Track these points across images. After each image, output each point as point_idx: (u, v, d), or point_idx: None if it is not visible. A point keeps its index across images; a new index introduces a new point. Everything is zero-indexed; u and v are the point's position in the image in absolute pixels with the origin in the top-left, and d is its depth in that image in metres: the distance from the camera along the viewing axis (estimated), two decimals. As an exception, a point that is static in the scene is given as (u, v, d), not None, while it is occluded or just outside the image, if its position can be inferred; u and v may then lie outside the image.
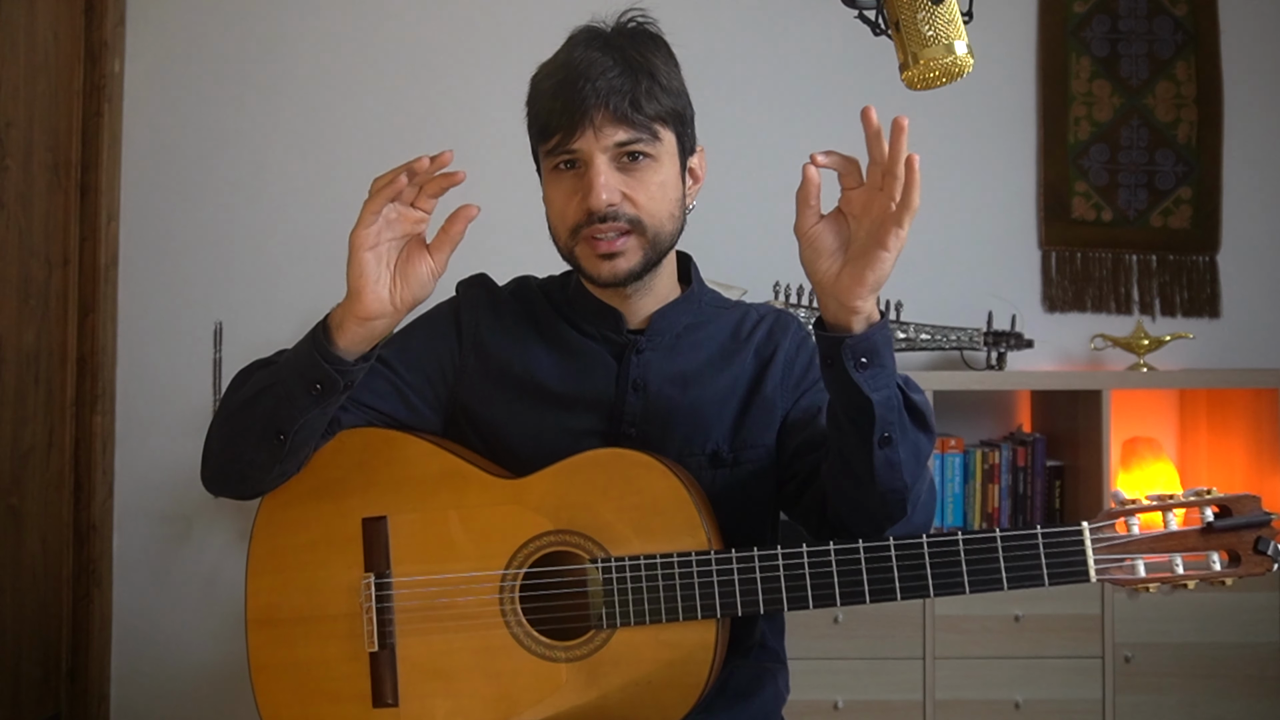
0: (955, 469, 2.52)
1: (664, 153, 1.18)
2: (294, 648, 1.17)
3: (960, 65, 1.12)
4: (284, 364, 1.15)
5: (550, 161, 1.20)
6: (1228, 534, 1.03)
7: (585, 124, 1.14)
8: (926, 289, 2.73)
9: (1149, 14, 2.80)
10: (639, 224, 1.17)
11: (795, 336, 1.29)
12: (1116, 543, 1.03)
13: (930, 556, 1.06)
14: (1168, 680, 2.36)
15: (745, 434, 1.23)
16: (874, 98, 1.06)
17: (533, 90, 1.23)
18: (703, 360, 1.25)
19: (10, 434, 2.39)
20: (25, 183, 2.44)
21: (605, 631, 1.10)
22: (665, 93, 1.17)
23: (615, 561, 1.10)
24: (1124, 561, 1.03)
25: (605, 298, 1.25)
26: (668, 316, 1.26)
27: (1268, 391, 2.47)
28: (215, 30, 2.76)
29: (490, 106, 2.78)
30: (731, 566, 1.08)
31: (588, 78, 1.14)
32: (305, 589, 1.18)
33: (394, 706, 1.14)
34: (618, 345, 1.24)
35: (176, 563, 2.72)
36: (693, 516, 1.10)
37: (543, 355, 1.25)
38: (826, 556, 1.07)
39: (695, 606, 1.08)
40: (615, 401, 1.22)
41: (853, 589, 1.07)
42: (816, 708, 2.33)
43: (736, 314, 1.31)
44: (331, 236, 2.76)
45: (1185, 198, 2.79)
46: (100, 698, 2.66)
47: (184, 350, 2.72)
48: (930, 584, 1.06)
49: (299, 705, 1.17)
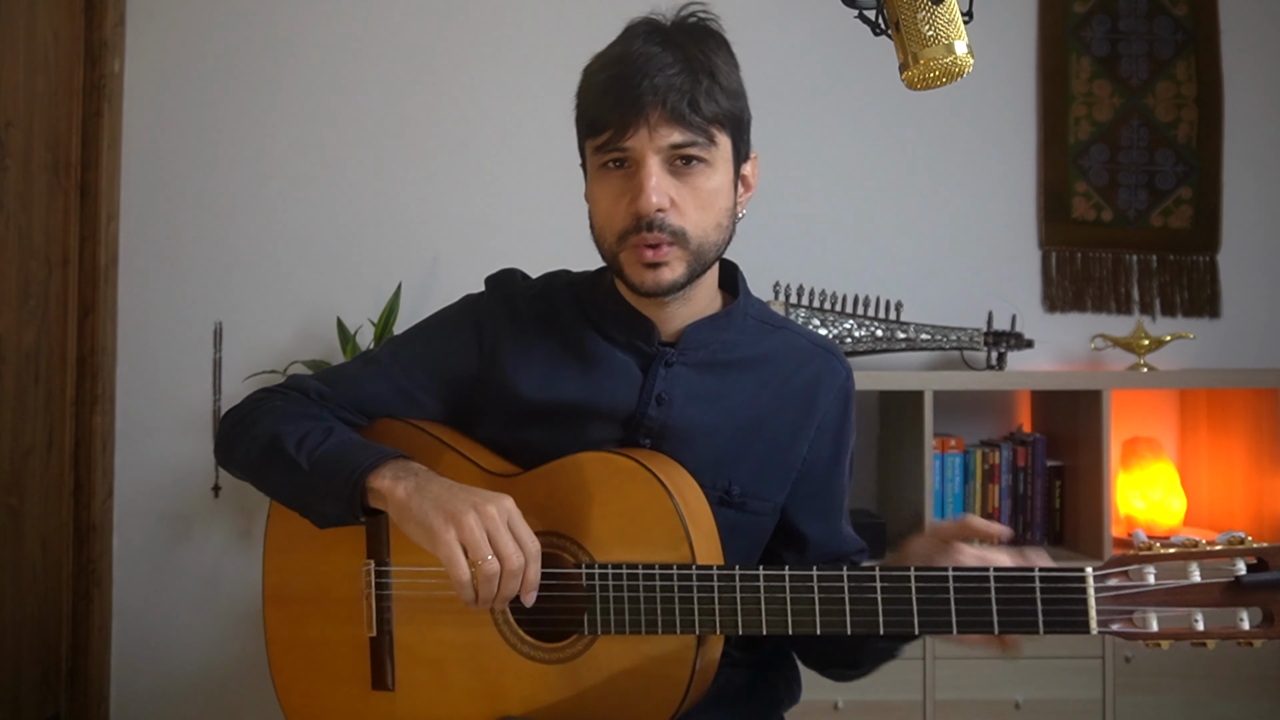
0: (955, 469, 2.52)
1: (719, 158, 1.12)
2: (304, 625, 1.22)
3: (960, 65, 1.12)
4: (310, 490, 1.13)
5: (599, 158, 1.13)
6: (1261, 591, 0.87)
7: (640, 122, 1.08)
8: (926, 289, 2.73)
9: (1149, 14, 2.80)
10: (682, 236, 1.11)
11: (838, 393, 1.23)
12: (1125, 593, 0.91)
13: (917, 592, 1.00)
14: (1168, 680, 2.36)
15: (760, 484, 1.19)
16: (874, 98, 1.06)
17: (584, 82, 1.16)
18: (734, 385, 1.19)
19: (10, 434, 2.39)
20: (25, 183, 2.44)
21: (588, 637, 1.10)
22: (724, 94, 1.11)
23: (599, 569, 1.09)
24: (1133, 613, 0.92)
25: (639, 305, 1.19)
26: (703, 331, 1.20)
27: (1268, 391, 2.47)
28: (215, 30, 2.76)
29: (492, 107, 2.78)
30: (712, 584, 1.05)
31: (646, 73, 1.08)
32: (312, 571, 1.21)
33: (390, 690, 1.17)
34: (646, 356, 1.19)
35: (176, 563, 2.72)
36: (677, 529, 1.07)
37: (562, 371, 1.20)
38: (809, 582, 1.03)
39: (675, 621, 1.06)
40: (635, 413, 1.17)
41: (833, 618, 1.02)
42: (816, 708, 2.32)
43: (781, 340, 1.24)
44: (332, 236, 2.77)
45: (1185, 198, 2.79)
46: (100, 698, 2.66)
47: (184, 350, 2.72)
48: (916, 620, 1.00)
49: (305, 681, 1.22)
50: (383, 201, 2.76)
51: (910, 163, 2.78)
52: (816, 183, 2.77)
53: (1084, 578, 0.95)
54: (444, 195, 2.77)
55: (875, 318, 2.54)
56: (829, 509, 1.24)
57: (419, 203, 2.76)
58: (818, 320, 2.51)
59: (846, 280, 2.69)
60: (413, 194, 2.76)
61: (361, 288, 2.72)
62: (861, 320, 2.53)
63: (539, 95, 2.75)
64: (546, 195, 2.73)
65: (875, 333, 2.53)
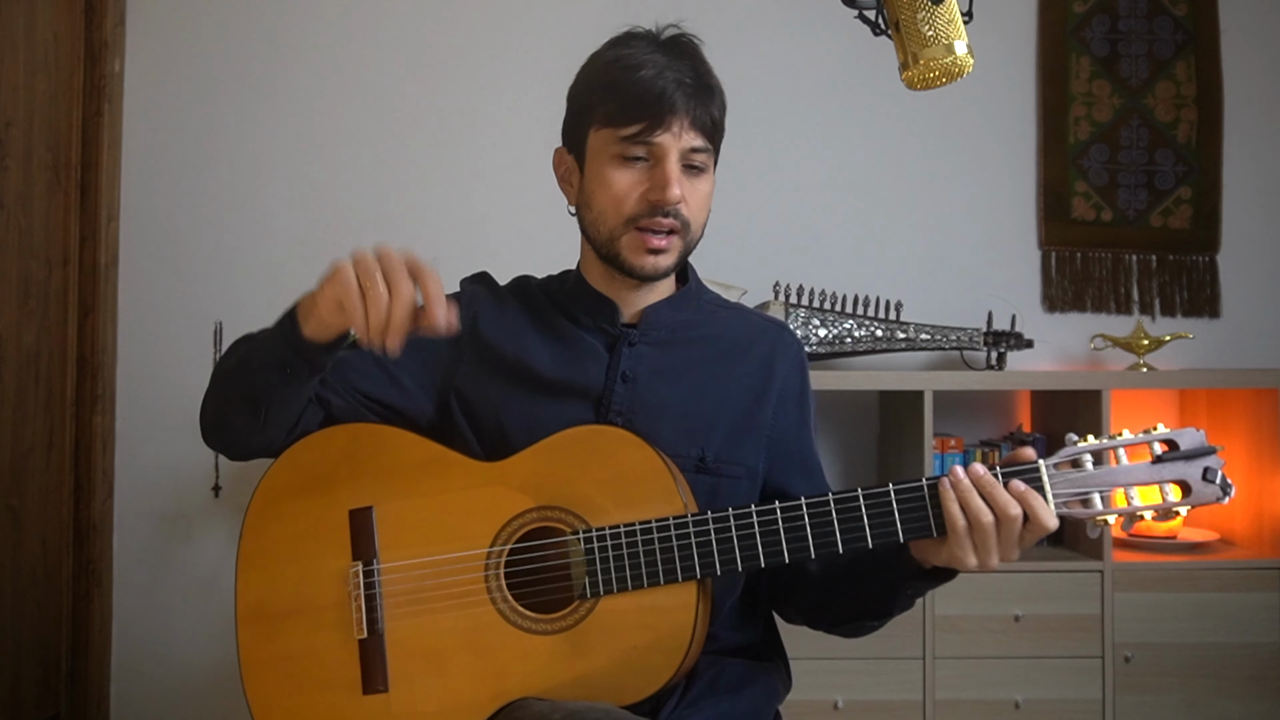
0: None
1: (711, 166, 1.25)
2: (283, 640, 1.19)
3: (960, 65, 1.12)
4: (260, 342, 1.18)
5: (619, 148, 1.20)
6: (1177, 464, 1.06)
7: (673, 121, 1.18)
8: (926, 289, 2.73)
9: (1149, 14, 2.80)
10: (686, 228, 1.23)
11: (794, 362, 1.32)
12: (1074, 479, 1.06)
13: (898, 504, 1.08)
14: (1168, 680, 2.36)
15: (733, 449, 1.25)
16: (874, 98, 1.06)
17: (601, 75, 1.23)
18: (696, 359, 1.28)
19: (10, 434, 2.39)
20: (25, 183, 2.44)
21: (589, 601, 1.12)
22: (723, 111, 1.25)
23: (596, 532, 1.12)
24: (1084, 496, 1.06)
25: (604, 289, 1.29)
26: (661, 312, 1.29)
27: (1268, 391, 2.47)
28: (215, 30, 2.76)
29: (490, 107, 2.78)
30: (708, 527, 1.10)
31: (678, 82, 1.19)
32: (294, 581, 1.20)
33: (384, 692, 1.16)
34: (611, 337, 1.28)
35: (176, 563, 2.72)
36: (669, 485, 1.13)
37: (538, 344, 1.28)
38: (799, 510, 1.10)
39: (675, 569, 1.10)
40: (604, 391, 1.24)
41: (825, 540, 1.09)
42: (816, 708, 2.33)
43: (735, 318, 1.34)
44: (331, 236, 2.77)
45: (1185, 198, 2.79)
46: (100, 698, 2.66)
47: (184, 350, 2.72)
48: (900, 530, 1.07)
49: (289, 697, 1.19)
50: (382, 201, 2.76)
51: (910, 163, 2.78)
52: (816, 183, 2.77)
53: (1038, 467, 1.07)
54: (443, 195, 2.77)
55: (875, 318, 2.54)
56: (810, 467, 1.32)
57: (418, 203, 2.76)
58: (817, 320, 2.51)
59: (846, 280, 2.69)
60: (412, 194, 2.76)
61: (361, 288, 2.72)
62: (861, 320, 2.53)
63: (538, 95, 2.75)
64: (545, 195, 2.72)
65: (875, 333, 2.53)
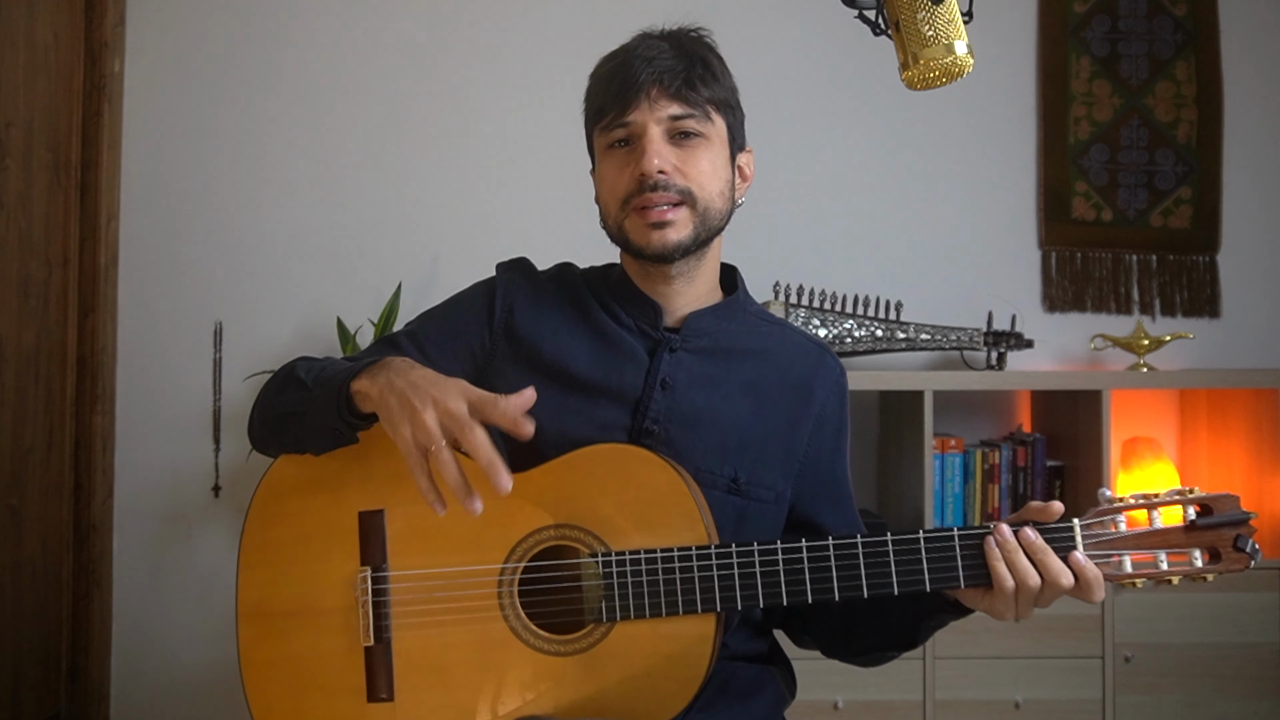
0: (955, 469, 2.52)
1: (715, 134, 1.20)
2: (286, 641, 1.16)
3: (960, 65, 1.12)
4: (312, 404, 1.14)
5: (604, 140, 1.21)
6: (1209, 532, 1.06)
7: (640, 97, 1.17)
8: (926, 289, 2.73)
9: (1149, 14, 2.80)
10: (690, 195, 1.18)
11: (834, 387, 1.29)
12: (1105, 539, 1.06)
13: (927, 552, 1.06)
14: (1168, 680, 2.36)
15: (763, 472, 1.22)
16: (874, 98, 1.06)
17: (590, 82, 1.25)
18: (735, 372, 1.25)
19: (10, 434, 2.39)
20: (25, 183, 2.44)
21: (604, 625, 1.10)
22: (717, 82, 1.21)
23: (615, 555, 1.09)
24: (1111, 558, 1.05)
25: (647, 289, 1.25)
26: (705, 319, 1.26)
27: (1268, 391, 2.47)
28: (215, 30, 2.76)
29: (492, 107, 2.78)
30: (731, 561, 1.08)
31: (645, 59, 1.18)
32: (299, 582, 1.17)
33: (389, 700, 1.13)
34: (652, 340, 1.24)
35: (176, 563, 2.72)
36: (692, 511, 1.10)
37: (576, 342, 1.25)
38: (825, 551, 1.08)
39: (695, 600, 1.08)
40: (641, 397, 1.21)
41: (850, 584, 1.07)
42: (816, 708, 2.33)
43: (779, 334, 1.31)
44: (331, 236, 2.77)
45: (1185, 198, 2.79)
46: (100, 698, 2.66)
47: (184, 350, 2.73)
48: (926, 578, 1.06)
49: (290, 699, 1.16)
50: (382, 201, 2.76)
51: (910, 163, 2.78)
52: (816, 183, 2.77)
53: (1072, 528, 1.07)
54: (444, 195, 2.77)
55: (875, 318, 2.54)
56: (840, 497, 1.29)
57: (419, 203, 2.76)
58: (817, 320, 2.51)
59: (846, 280, 2.69)
60: (412, 194, 2.77)
61: (361, 288, 2.72)
62: (861, 320, 2.53)
63: (539, 95, 2.76)
64: (546, 195, 2.73)
65: (875, 333, 2.53)
